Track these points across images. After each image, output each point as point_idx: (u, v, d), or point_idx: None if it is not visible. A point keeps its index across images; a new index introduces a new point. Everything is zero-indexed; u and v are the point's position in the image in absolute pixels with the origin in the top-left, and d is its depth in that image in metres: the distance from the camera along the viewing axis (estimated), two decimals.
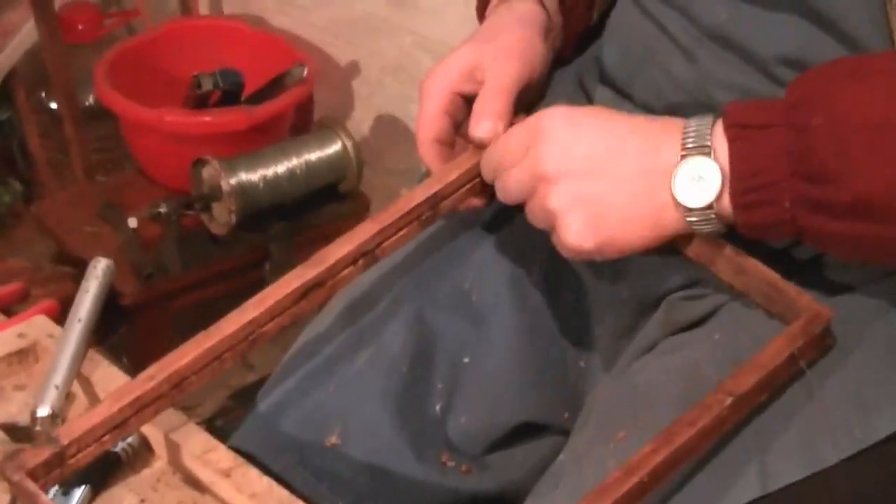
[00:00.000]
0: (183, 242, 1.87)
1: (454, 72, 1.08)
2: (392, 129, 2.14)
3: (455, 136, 1.10)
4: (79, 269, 1.84)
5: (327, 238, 2.01)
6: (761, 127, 0.88)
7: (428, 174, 1.13)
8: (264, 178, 1.88)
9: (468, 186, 1.05)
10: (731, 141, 0.89)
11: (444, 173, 1.04)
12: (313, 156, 1.93)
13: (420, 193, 1.03)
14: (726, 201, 0.90)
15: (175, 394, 0.96)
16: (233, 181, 1.85)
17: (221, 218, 1.87)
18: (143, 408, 0.95)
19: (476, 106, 1.05)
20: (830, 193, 0.85)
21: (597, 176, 0.92)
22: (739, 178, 0.88)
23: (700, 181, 0.90)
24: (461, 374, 1.09)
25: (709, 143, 0.90)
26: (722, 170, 0.89)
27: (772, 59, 0.98)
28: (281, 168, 1.90)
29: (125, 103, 1.95)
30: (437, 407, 1.08)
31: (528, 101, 1.13)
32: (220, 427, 1.80)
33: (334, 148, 1.95)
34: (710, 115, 0.92)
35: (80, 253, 1.89)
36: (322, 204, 1.99)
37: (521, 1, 1.13)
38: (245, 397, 1.91)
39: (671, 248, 0.97)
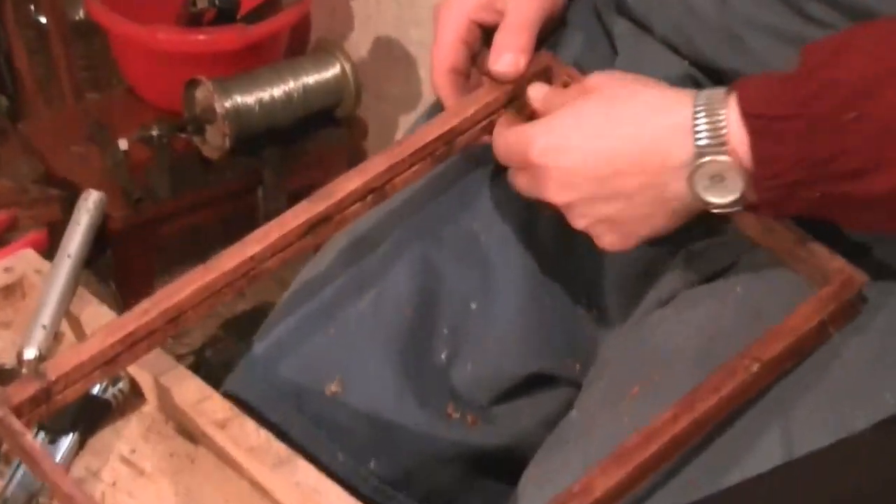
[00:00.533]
0: (174, 166, 1.81)
1: (471, 1, 1.03)
2: (391, 53, 2.08)
3: (471, 66, 1.05)
4: (66, 191, 1.79)
5: (322, 164, 2.01)
6: (783, 118, 0.81)
7: (437, 106, 1.08)
8: (260, 100, 1.82)
9: (485, 123, 1.00)
10: (753, 135, 0.82)
11: (461, 107, 0.99)
12: (311, 79, 1.86)
13: (435, 128, 0.98)
14: (752, 194, 0.84)
15: (170, 328, 0.92)
16: (227, 104, 1.78)
17: (215, 141, 1.81)
18: (136, 343, 0.90)
19: (497, 39, 1.01)
20: (865, 186, 0.80)
21: (609, 198, 0.88)
22: (764, 179, 0.82)
23: (721, 181, 0.84)
24: (468, 320, 1.04)
25: (724, 137, 0.83)
26: (744, 168, 0.83)
27: None
28: (277, 91, 1.83)
29: (115, 18, 1.87)
30: (443, 355, 1.03)
31: (547, 34, 1.08)
32: (209, 358, 1.76)
33: (332, 71, 1.88)
34: (720, 92, 0.85)
35: (68, 175, 1.83)
36: (318, 129, 1.92)
37: None
38: (235, 326, 1.87)
39: None
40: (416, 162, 0.97)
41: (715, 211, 0.85)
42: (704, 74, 1.04)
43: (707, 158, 0.83)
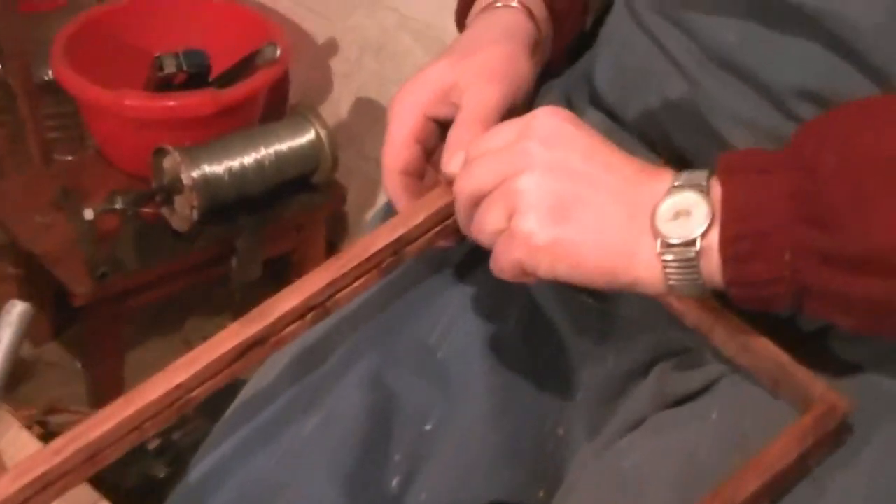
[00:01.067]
0: (141, 237, 1.74)
1: (426, 92, 0.96)
2: (371, 112, 2.00)
3: (426, 165, 0.97)
4: (26, 266, 1.71)
5: (300, 231, 1.93)
6: (761, 171, 0.75)
7: (392, 207, 1.00)
8: (230, 169, 1.74)
9: (438, 229, 0.92)
10: (726, 182, 0.76)
11: (411, 214, 0.91)
12: (284, 146, 1.79)
13: (381, 237, 0.90)
14: (713, 246, 0.76)
15: (87, 469, 0.84)
16: (195, 174, 1.71)
17: (183, 212, 1.73)
18: (49, 485, 0.82)
19: (450, 136, 0.93)
20: (840, 242, 0.72)
21: (581, 178, 0.79)
22: (731, 221, 0.75)
23: (686, 216, 0.76)
24: (423, 443, 0.95)
25: (703, 183, 0.77)
26: (712, 207, 0.76)
27: (787, 90, 0.86)
28: (248, 159, 1.76)
29: (82, 83, 1.80)
30: (394, 482, 0.94)
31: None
32: (176, 441, 1.68)
33: (307, 137, 1.81)
34: (705, 170, 0.79)
35: (31, 247, 1.76)
36: (293, 195, 1.85)
37: (506, 9, 1.00)
38: (207, 405, 1.76)
39: (668, 314, 0.86)
40: (361, 275, 0.90)
41: (665, 261, 0.76)
42: (678, 169, 0.96)
43: (678, 191, 0.77)
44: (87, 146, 1.98)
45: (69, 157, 2.02)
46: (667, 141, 0.96)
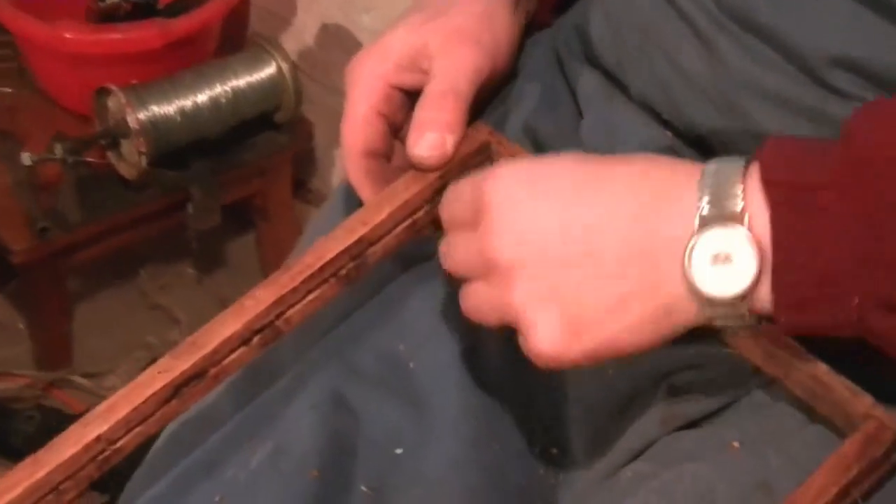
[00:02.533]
0: (86, 187, 1.58)
1: (390, 58, 0.82)
2: (338, 40, 1.84)
3: (392, 143, 0.83)
4: None
5: (263, 174, 1.77)
6: (816, 187, 0.61)
7: (350, 192, 0.85)
8: (182, 109, 1.58)
9: (406, 224, 0.78)
10: (775, 206, 0.62)
11: (372, 209, 0.77)
12: (242, 82, 1.63)
13: (337, 241, 0.76)
14: (765, 292, 0.63)
15: None
16: (143, 115, 1.55)
17: (131, 158, 1.58)
18: None
19: (418, 113, 0.79)
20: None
21: (572, 263, 0.66)
22: (789, 267, 0.62)
23: (727, 263, 0.63)
24: (393, 472, 0.81)
25: (738, 204, 0.63)
26: (759, 247, 0.62)
27: (820, 57, 0.72)
28: (202, 97, 1.60)
29: (16, 14, 1.63)
30: None
31: (489, 94, 0.85)
32: None
33: (267, 71, 1.65)
34: (737, 160, 0.65)
35: None
36: (254, 135, 1.70)
37: None
38: None
39: None
40: (315, 287, 0.75)
41: (710, 316, 0.65)
42: (692, 148, 0.82)
43: (711, 228, 0.63)
44: (28, 83, 1.80)
45: (8, 90, 1.84)
46: (676, 113, 0.81)
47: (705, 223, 0.63)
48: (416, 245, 0.82)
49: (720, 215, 0.63)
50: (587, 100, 0.87)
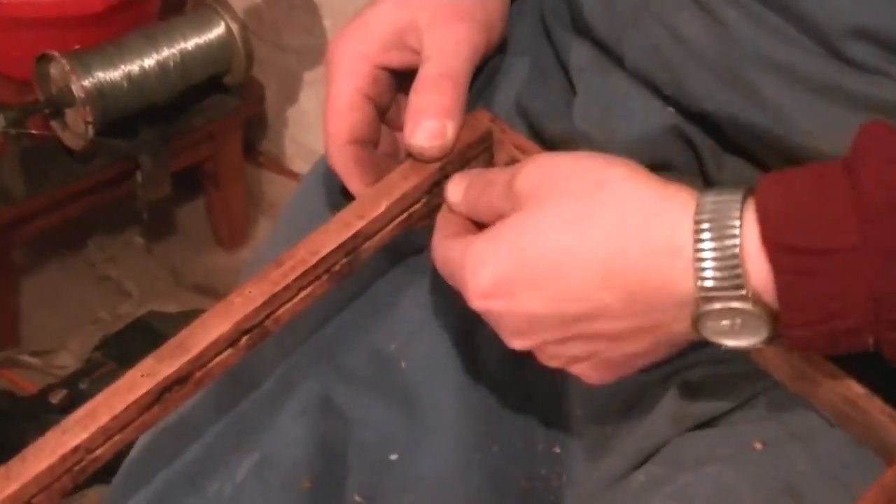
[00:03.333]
0: (29, 160, 1.50)
1: (375, 36, 0.76)
2: None
3: (379, 128, 0.77)
4: None
5: (214, 139, 1.70)
6: (827, 252, 0.57)
7: (329, 171, 0.79)
8: (128, 75, 1.51)
9: (402, 218, 0.72)
10: (780, 274, 0.58)
11: (370, 202, 0.72)
12: (189, 44, 1.56)
13: (331, 236, 0.71)
14: (780, 337, 0.61)
15: None
16: (87, 82, 1.47)
17: (76, 127, 1.50)
18: None
19: (413, 99, 0.73)
20: None
21: (585, 339, 0.64)
22: (801, 326, 0.59)
23: (738, 329, 0.61)
24: (387, 479, 0.76)
25: (739, 275, 0.59)
26: (769, 312, 0.60)
27: (836, 27, 0.67)
28: (149, 62, 1.53)
29: None
30: None
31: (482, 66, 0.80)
32: (84, 390, 1.47)
33: (215, 32, 1.58)
34: (731, 199, 0.60)
35: None
36: (203, 99, 1.63)
37: None
38: (118, 347, 1.57)
39: None
40: (307, 284, 0.70)
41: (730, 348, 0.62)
42: (697, 126, 0.77)
43: (716, 306, 0.59)
44: None
45: None
46: (677, 87, 0.76)
47: (708, 298, 0.60)
48: (406, 237, 0.77)
49: (721, 288, 0.59)
50: (579, 73, 0.81)
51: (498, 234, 0.64)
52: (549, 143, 0.81)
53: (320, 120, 0.77)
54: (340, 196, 0.79)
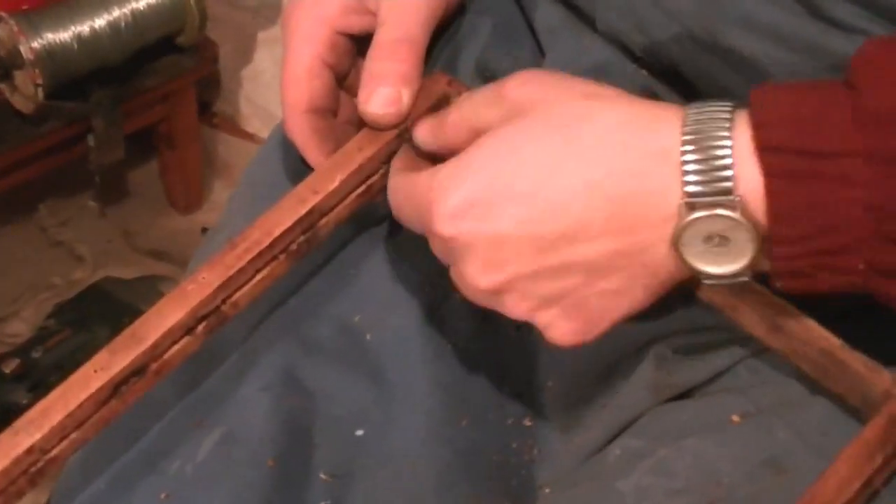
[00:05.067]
0: None
1: (333, 3, 0.74)
2: None
3: (338, 96, 0.75)
4: None
5: (167, 100, 1.66)
6: (827, 155, 0.55)
7: (286, 138, 0.77)
8: (78, 36, 1.47)
9: (360, 190, 0.70)
10: (772, 177, 0.56)
11: (324, 176, 0.70)
12: (141, 3, 1.51)
13: (286, 213, 0.68)
14: (765, 263, 0.58)
15: None
16: (36, 44, 1.43)
17: (26, 90, 1.46)
18: None
19: (368, 64, 0.71)
20: None
21: (559, 272, 0.61)
22: (791, 242, 0.56)
23: (722, 245, 0.58)
24: (355, 455, 0.74)
25: (728, 179, 0.56)
26: (755, 223, 0.57)
27: None
28: (100, 22, 1.48)
29: None
30: None
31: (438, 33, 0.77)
32: (37, 359, 1.44)
33: None
34: (721, 107, 0.58)
35: None
36: (156, 60, 1.59)
37: None
38: (73, 313, 1.54)
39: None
40: (264, 266, 0.68)
41: (709, 282, 0.60)
42: (672, 89, 0.75)
43: (701, 213, 0.57)
44: None
45: None
46: (652, 49, 0.74)
47: (693, 205, 0.57)
48: (369, 206, 0.75)
49: (707, 193, 0.57)
50: (549, 35, 0.79)
51: (474, 151, 0.62)
52: None
53: (276, 80, 0.75)
54: (301, 163, 0.77)
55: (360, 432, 0.74)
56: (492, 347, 0.77)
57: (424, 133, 0.69)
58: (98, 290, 1.57)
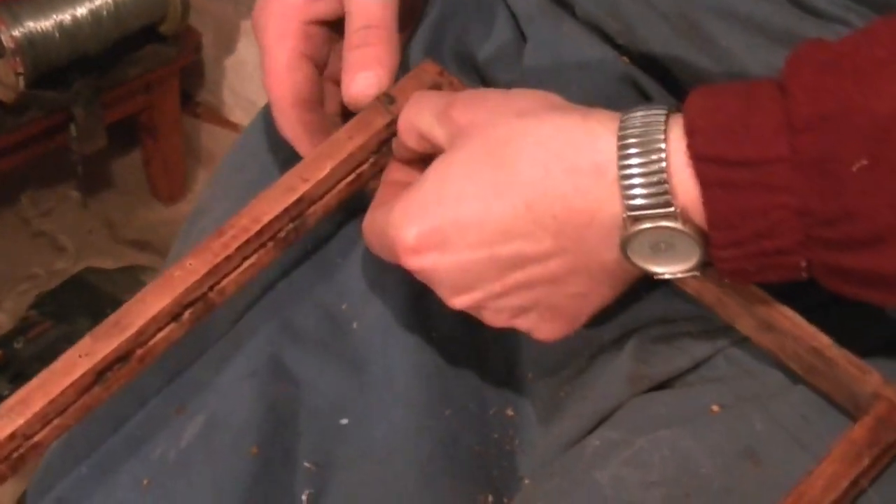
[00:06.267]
0: None
1: None
2: None
3: (321, 85, 0.76)
4: None
5: (149, 89, 1.66)
6: (755, 163, 0.55)
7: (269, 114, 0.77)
8: (60, 25, 1.47)
9: (349, 179, 0.70)
10: (707, 188, 0.56)
11: (313, 164, 0.71)
12: None
13: (275, 201, 0.69)
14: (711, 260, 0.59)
15: None
16: (17, 33, 1.43)
17: (7, 79, 1.46)
18: None
19: (344, 55, 0.72)
20: (846, 231, 0.55)
21: (522, 288, 0.64)
22: (730, 246, 0.57)
23: (668, 250, 0.60)
24: (338, 444, 0.74)
25: (666, 190, 0.57)
26: (698, 232, 0.58)
27: None
28: (81, 10, 1.49)
29: None
30: (304, 497, 0.73)
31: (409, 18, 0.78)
32: (19, 350, 1.43)
33: None
34: (656, 114, 0.58)
35: None
36: (138, 49, 1.58)
37: None
38: (55, 304, 1.53)
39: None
40: (251, 253, 0.68)
41: (662, 278, 0.62)
42: (651, 76, 0.75)
43: (644, 225, 0.58)
44: None
45: None
46: (630, 36, 0.74)
47: (636, 218, 0.58)
48: (359, 194, 0.75)
49: (648, 206, 0.58)
50: (529, 21, 0.79)
51: (420, 186, 0.63)
52: None
53: (259, 70, 0.75)
54: (283, 150, 0.77)
55: (344, 421, 0.74)
56: (474, 339, 0.77)
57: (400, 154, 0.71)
58: (80, 281, 1.56)
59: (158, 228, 1.75)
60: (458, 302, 0.65)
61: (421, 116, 0.67)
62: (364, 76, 0.70)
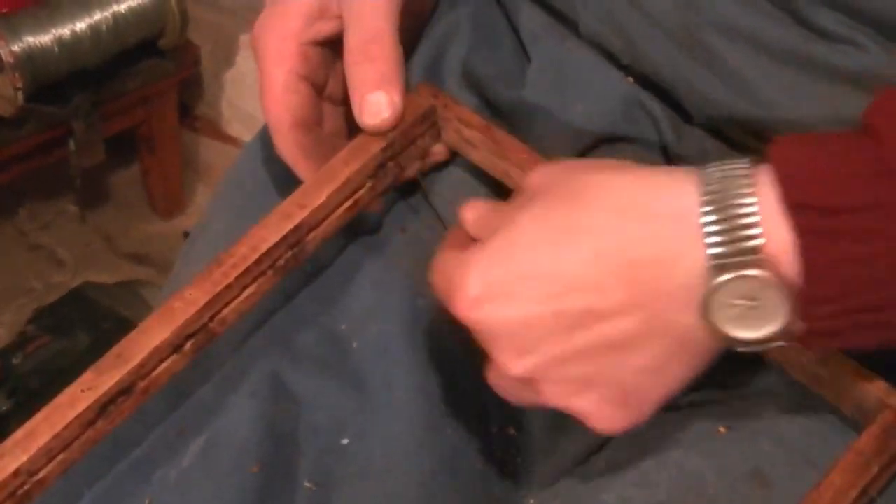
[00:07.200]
0: None
1: (295, 15, 0.73)
2: None
3: (321, 106, 0.76)
4: None
5: (147, 103, 1.66)
6: (855, 210, 0.53)
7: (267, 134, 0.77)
8: (59, 39, 1.46)
9: (348, 204, 0.70)
10: (804, 234, 0.54)
11: (311, 191, 0.71)
12: (122, 6, 1.51)
13: (273, 229, 0.69)
14: (798, 323, 0.56)
15: None
16: (16, 47, 1.43)
17: (6, 93, 1.45)
18: None
19: (348, 74, 0.71)
20: None
21: (584, 354, 0.58)
22: (829, 300, 0.55)
23: (753, 311, 0.55)
24: (338, 463, 0.74)
25: (755, 236, 0.54)
26: (786, 283, 0.55)
27: None
28: (81, 25, 1.48)
29: None
30: None
31: (415, 22, 0.78)
32: (17, 365, 1.43)
33: None
34: (739, 165, 0.56)
35: None
36: (137, 63, 1.58)
37: None
38: (53, 318, 1.53)
39: None
40: (251, 282, 0.68)
41: (743, 349, 0.57)
42: (656, 96, 0.74)
43: (728, 276, 0.54)
44: None
45: None
46: (635, 55, 0.74)
47: (719, 267, 0.55)
48: (360, 215, 0.75)
49: (732, 253, 0.54)
50: (533, 40, 0.79)
51: (491, 238, 0.60)
52: (502, 112, 0.78)
53: (258, 84, 0.75)
54: (285, 166, 0.77)
55: (345, 441, 0.74)
56: (472, 355, 0.76)
57: (470, 217, 0.66)
58: (78, 295, 1.56)
59: (157, 242, 1.74)
60: (519, 366, 0.59)
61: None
62: (373, 99, 0.70)
